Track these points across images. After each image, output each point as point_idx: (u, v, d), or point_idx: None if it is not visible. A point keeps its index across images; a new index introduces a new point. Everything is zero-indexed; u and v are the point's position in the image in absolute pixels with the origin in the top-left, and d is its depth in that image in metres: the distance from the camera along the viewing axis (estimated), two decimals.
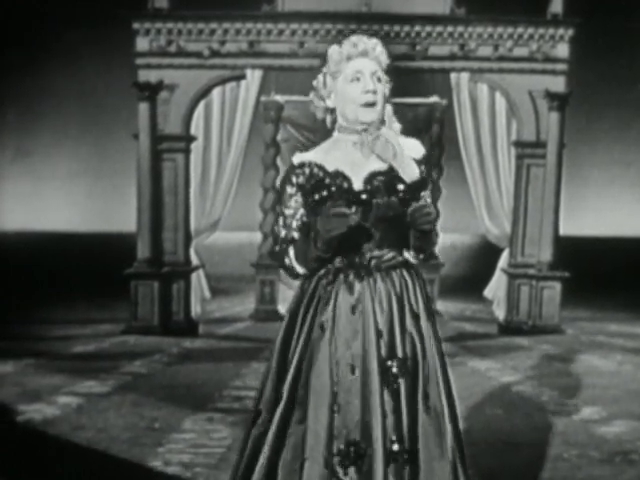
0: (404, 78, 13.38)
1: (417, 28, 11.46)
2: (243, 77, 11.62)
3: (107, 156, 15.78)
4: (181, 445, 5.56)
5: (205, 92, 11.66)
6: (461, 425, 3.15)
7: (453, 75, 11.71)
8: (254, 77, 11.57)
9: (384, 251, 3.07)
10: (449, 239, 16.24)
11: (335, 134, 3.18)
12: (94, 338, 10.79)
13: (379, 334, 2.98)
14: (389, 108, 3.17)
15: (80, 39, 14.35)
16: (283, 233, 3.13)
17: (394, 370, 2.96)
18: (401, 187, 3.04)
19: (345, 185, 3.05)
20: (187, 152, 11.68)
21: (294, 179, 3.12)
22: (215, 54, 11.48)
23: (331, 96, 3.14)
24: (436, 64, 11.70)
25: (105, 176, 15.90)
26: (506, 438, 5.85)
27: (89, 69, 14.96)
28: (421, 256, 3.16)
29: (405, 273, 3.09)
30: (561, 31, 11.49)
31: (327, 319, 3.02)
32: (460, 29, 11.48)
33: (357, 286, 3.03)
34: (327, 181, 3.07)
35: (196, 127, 11.76)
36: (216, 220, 11.91)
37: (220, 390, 7.44)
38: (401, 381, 2.96)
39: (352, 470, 2.89)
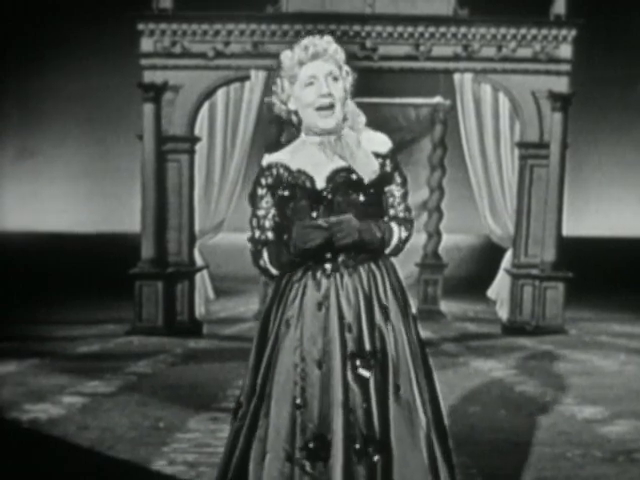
0: (408, 78, 13.44)
1: (420, 29, 11.48)
2: (247, 78, 11.65)
3: (111, 157, 15.81)
4: (186, 444, 5.58)
5: (209, 93, 11.70)
6: (446, 420, 3.18)
7: (456, 76, 11.72)
8: (258, 78, 11.60)
9: None
10: (453, 240, 16.27)
11: (302, 135, 3.21)
12: (99, 338, 10.83)
13: (346, 329, 3.02)
14: (352, 104, 3.19)
15: (85, 40, 14.39)
16: (257, 234, 3.21)
17: (361, 365, 2.99)
18: (359, 185, 3.08)
19: (308, 184, 3.10)
20: (191, 153, 11.72)
21: (263, 180, 3.19)
22: (219, 55, 11.53)
23: (291, 99, 3.16)
24: (439, 65, 11.72)
25: (109, 177, 15.93)
26: (509, 437, 5.85)
27: (94, 70, 15.00)
28: (387, 250, 3.18)
29: (373, 266, 3.11)
30: (564, 32, 11.52)
31: (293, 315, 3.08)
32: (463, 30, 11.50)
33: (324, 282, 3.08)
34: (290, 180, 3.12)
35: (200, 128, 11.79)
36: (220, 221, 11.93)
37: (224, 390, 7.46)
38: (370, 374, 2.98)
39: (319, 464, 2.94)
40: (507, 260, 12.14)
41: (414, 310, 3.24)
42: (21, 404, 6.72)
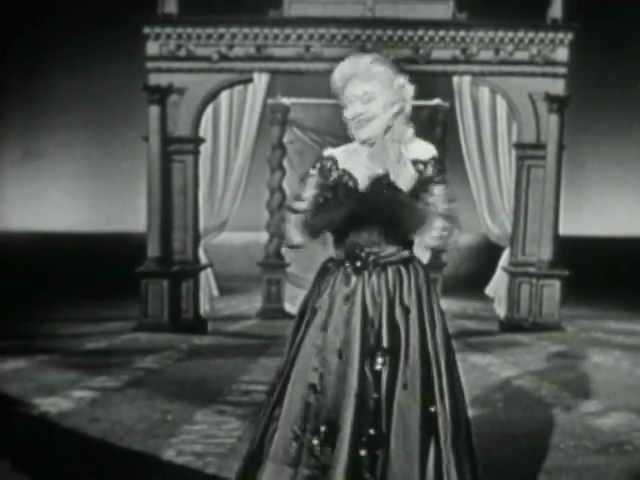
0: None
1: (420, 33, 11.59)
2: (250, 80, 11.76)
3: (116, 158, 15.86)
4: (193, 436, 5.68)
5: (214, 95, 11.81)
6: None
7: (455, 78, 11.81)
8: (261, 80, 11.71)
9: (383, 247, 3.30)
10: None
11: (356, 142, 3.41)
12: (106, 335, 10.88)
13: (368, 324, 3.20)
14: (399, 118, 3.32)
15: (91, 43, 14.43)
16: (295, 204, 3.41)
17: (378, 359, 3.15)
18: (393, 191, 3.26)
19: (350, 184, 3.30)
20: (196, 154, 11.82)
21: (318, 164, 3.40)
22: (223, 58, 11.63)
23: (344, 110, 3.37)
24: (439, 68, 11.80)
25: (114, 178, 15.99)
26: (506, 430, 5.97)
27: (99, 72, 15.05)
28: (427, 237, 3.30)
29: (402, 269, 3.29)
30: (561, 35, 11.61)
31: (321, 304, 3.28)
32: (462, 33, 11.60)
33: (353, 278, 3.27)
34: (335, 177, 3.34)
35: (205, 129, 11.90)
36: (224, 220, 12.02)
37: (229, 384, 7.55)
38: (383, 369, 3.15)
39: (327, 449, 3.10)
40: (505, 258, 12.22)
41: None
42: (31, 398, 6.80)
